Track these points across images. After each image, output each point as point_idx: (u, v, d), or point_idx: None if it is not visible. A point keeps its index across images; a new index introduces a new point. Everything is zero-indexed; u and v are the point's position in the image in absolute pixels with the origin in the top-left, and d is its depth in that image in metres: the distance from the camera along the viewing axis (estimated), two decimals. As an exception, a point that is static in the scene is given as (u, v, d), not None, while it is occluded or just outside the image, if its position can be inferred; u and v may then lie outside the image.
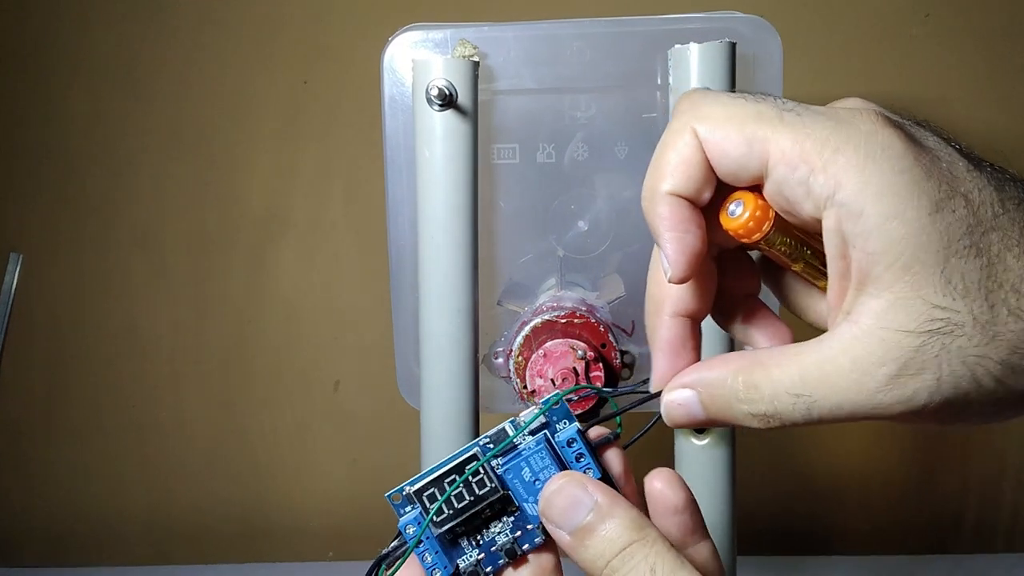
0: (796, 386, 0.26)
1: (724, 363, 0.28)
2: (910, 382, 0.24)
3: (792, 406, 0.26)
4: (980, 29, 0.74)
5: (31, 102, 0.79)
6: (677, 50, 0.44)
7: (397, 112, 0.48)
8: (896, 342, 0.24)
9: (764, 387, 0.26)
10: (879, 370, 0.24)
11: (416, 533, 0.28)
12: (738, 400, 0.27)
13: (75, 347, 0.82)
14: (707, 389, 0.28)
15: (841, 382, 0.25)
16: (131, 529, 0.84)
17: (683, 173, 0.27)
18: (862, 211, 0.24)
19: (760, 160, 0.26)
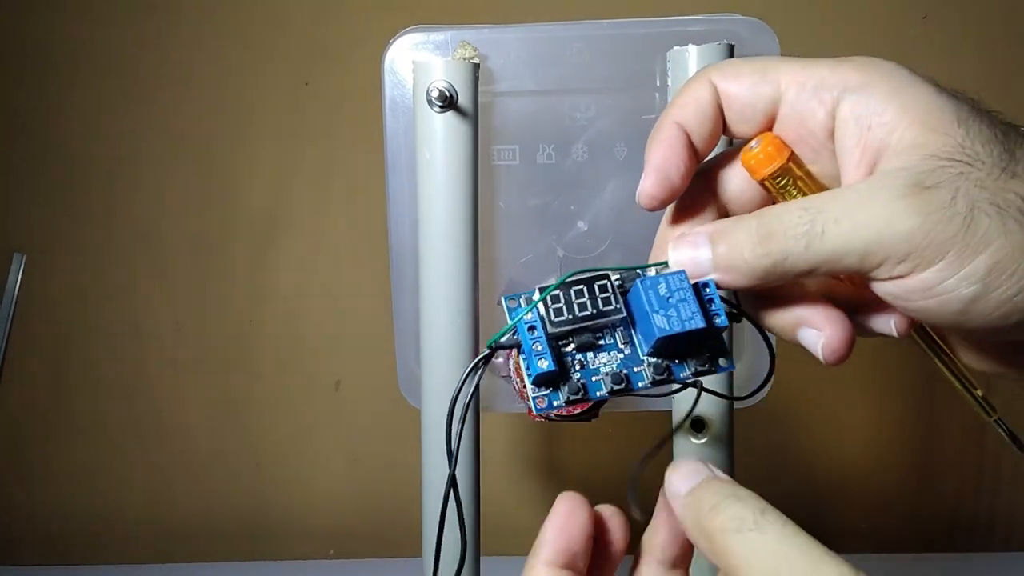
0: (804, 202, 0.26)
1: (740, 220, 0.27)
2: (924, 193, 0.24)
3: (798, 222, 0.25)
4: (978, 30, 0.75)
5: (32, 102, 0.80)
6: (676, 52, 0.44)
7: (398, 113, 0.49)
8: (910, 164, 0.25)
9: (782, 240, 0.26)
10: (893, 181, 0.24)
11: (526, 315, 0.27)
12: (756, 252, 0.26)
13: (77, 347, 0.82)
14: (716, 229, 0.28)
15: (852, 197, 0.25)
16: (132, 528, 0.84)
17: (692, 107, 0.29)
18: (872, 91, 0.26)
19: (772, 87, 0.28)
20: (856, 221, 0.25)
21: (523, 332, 0.28)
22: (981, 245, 0.24)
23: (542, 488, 0.82)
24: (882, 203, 0.24)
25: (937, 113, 0.25)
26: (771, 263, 0.26)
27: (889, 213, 0.24)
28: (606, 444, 0.77)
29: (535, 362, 0.27)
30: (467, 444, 0.47)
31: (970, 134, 0.25)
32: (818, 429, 0.81)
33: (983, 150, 0.25)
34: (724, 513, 0.24)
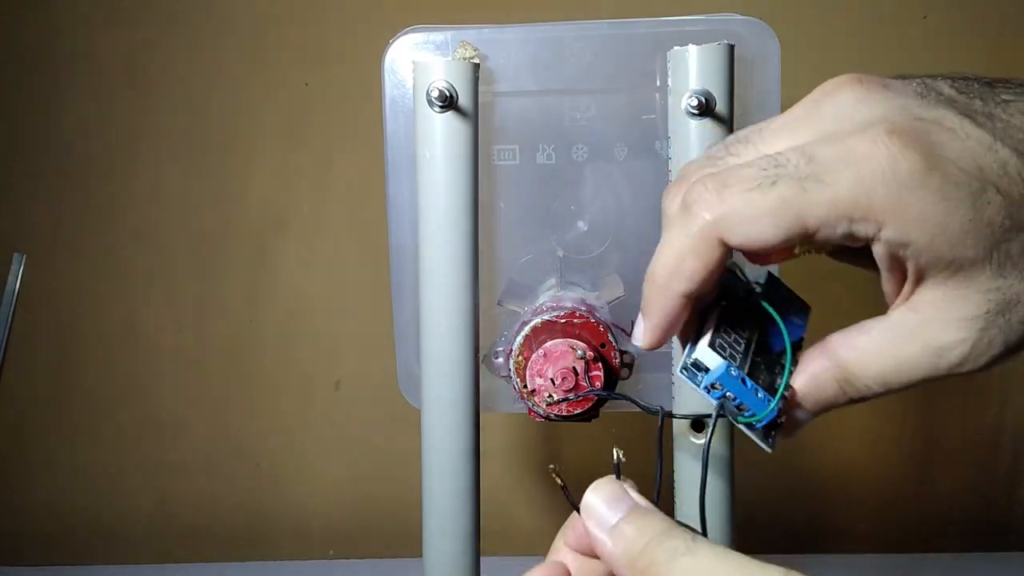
0: (883, 375, 0.28)
1: (819, 377, 0.29)
2: (982, 354, 0.27)
3: (872, 388, 0.28)
4: (978, 30, 0.75)
5: (32, 102, 0.80)
6: (676, 52, 0.44)
7: (398, 113, 0.49)
8: (960, 327, 0.26)
9: (859, 381, 0.28)
10: (952, 353, 0.27)
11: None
12: (836, 391, 0.29)
13: (77, 346, 0.82)
14: (816, 403, 0.29)
15: (920, 363, 0.27)
16: (131, 528, 0.84)
17: (700, 280, 0.27)
18: (909, 241, 0.26)
19: (799, 234, 0.26)
20: (927, 373, 0.28)
21: (736, 387, 0.29)
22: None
23: (542, 488, 0.82)
24: (947, 368, 0.27)
25: (972, 253, 0.26)
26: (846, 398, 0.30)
27: (952, 371, 0.27)
28: (606, 444, 0.77)
29: (763, 407, 0.29)
30: (467, 444, 0.47)
31: (1003, 267, 0.26)
32: (818, 429, 0.81)
33: (1016, 278, 0.26)
34: (658, 548, 0.25)
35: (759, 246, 0.26)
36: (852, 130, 0.27)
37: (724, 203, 0.26)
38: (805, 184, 0.25)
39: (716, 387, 0.29)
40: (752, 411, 0.29)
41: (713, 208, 0.26)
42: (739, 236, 0.26)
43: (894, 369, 0.27)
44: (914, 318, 0.27)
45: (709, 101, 0.43)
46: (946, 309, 0.26)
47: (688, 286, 0.27)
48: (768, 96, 0.48)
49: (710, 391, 0.29)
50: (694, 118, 0.43)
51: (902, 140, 0.26)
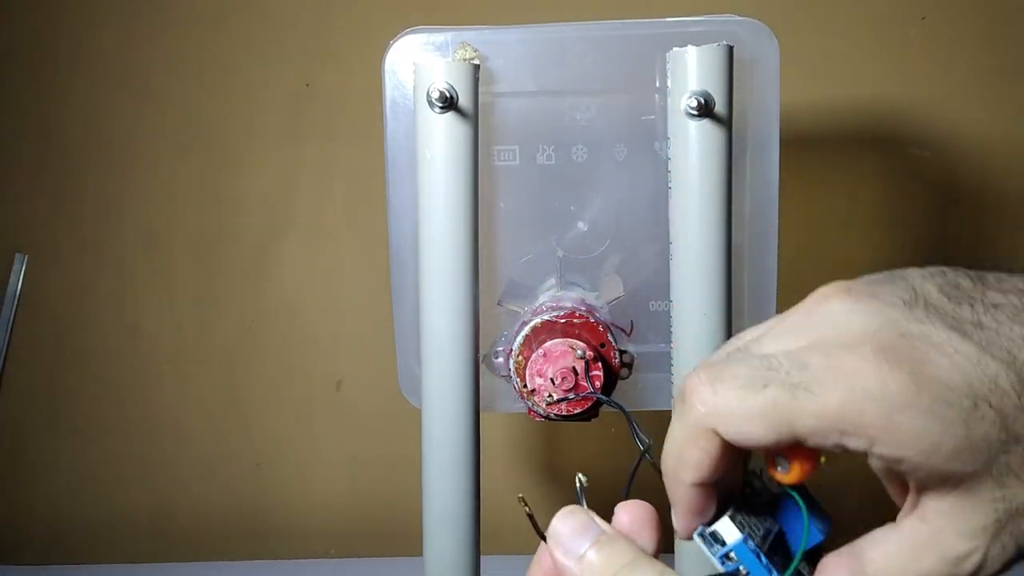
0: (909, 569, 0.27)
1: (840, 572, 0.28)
2: (996, 561, 0.26)
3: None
4: (976, 31, 0.75)
5: (32, 102, 0.80)
6: (675, 53, 0.44)
7: (398, 114, 0.49)
8: (972, 536, 0.26)
9: None
10: (967, 561, 0.26)
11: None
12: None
13: (78, 347, 0.82)
14: None
15: (939, 573, 0.26)
16: (132, 528, 0.84)
17: (707, 467, 0.28)
18: (902, 458, 0.26)
19: (788, 439, 0.26)
20: None
21: (750, 561, 0.28)
22: None
23: (542, 488, 0.82)
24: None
25: (970, 467, 0.26)
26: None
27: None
28: (606, 444, 0.77)
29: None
30: (467, 444, 0.47)
31: (1004, 483, 0.26)
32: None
33: (1018, 487, 0.26)
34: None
35: (752, 444, 0.27)
36: (841, 343, 0.27)
37: (716, 397, 0.27)
38: (795, 392, 0.26)
39: (731, 558, 0.28)
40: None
41: (706, 401, 0.27)
42: (732, 432, 0.27)
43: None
44: (925, 529, 0.27)
45: (708, 102, 0.43)
46: (954, 520, 0.26)
47: (695, 475, 0.28)
48: (767, 97, 0.48)
49: (724, 562, 0.29)
50: (693, 119, 0.43)
51: (888, 360, 0.26)
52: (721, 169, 0.44)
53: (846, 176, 0.77)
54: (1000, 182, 0.77)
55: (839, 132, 0.77)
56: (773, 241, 0.49)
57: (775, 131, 0.48)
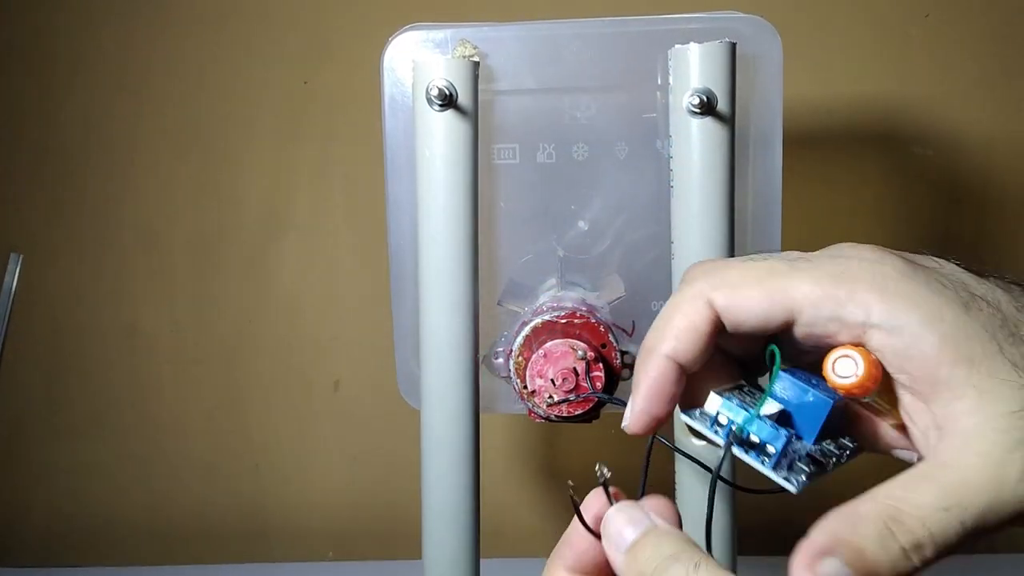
0: (942, 499, 0.24)
1: (852, 515, 0.25)
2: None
3: (946, 522, 0.24)
4: (980, 29, 0.74)
5: (31, 102, 0.79)
6: (677, 50, 0.44)
7: (397, 112, 0.48)
8: (1011, 426, 0.24)
9: (910, 514, 0.24)
10: (1013, 455, 0.24)
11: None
12: (890, 539, 0.24)
13: (75, 347, 0.82)
14: (850, 546, 0.25)
15: (982, 481, 0.24)
16: (132, 528, 0.84)
17: (686, 339, 0.27)
18: (901, 325, 0.25)
19: (784, 309, 0.26)
20: (995, 499, 0.24)
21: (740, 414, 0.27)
22: None
23: (542, 488, 0.82)
24: (1015, 481, 0.24)
25: (979, 347, 0.24)
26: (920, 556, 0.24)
27: (1022, 491, 0.24)
28: (606, 444, 0.77)
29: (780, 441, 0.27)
30: (467, 444, 0.47)
31: (1019, 367, 0.24)
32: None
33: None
34: (664, 572, 0.25)
35: (745, 315, 0.26)
36: (846, 248, 0.27)
37: (717, 270, 0.27)
38: (794, 264, 0.26)
39: (721, 421, 0.27)
40: (767, 441, 0.26)
41: (706, 274, 0.27)
42: (725, 299, 0.26)
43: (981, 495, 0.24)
44: (956, 437, 0.24)
45: (710, 99, 0.42)
46: (983, 411, 0.24)
47: (673, 345, 0.27)
48: (770, 95, 0.48)
49: (717, 430, 0.27)
50: (695, 116, 0.43)
51: (891, 251, 0.27)
52: (723, 167, 0.44)
53: (849, 174, 0.77)
54: (1003, 181, 0.76)
55: (841, 130, 0.76)
56: (776, 240, 0.49)
57: (778, 129, 0.48)
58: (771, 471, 0.26)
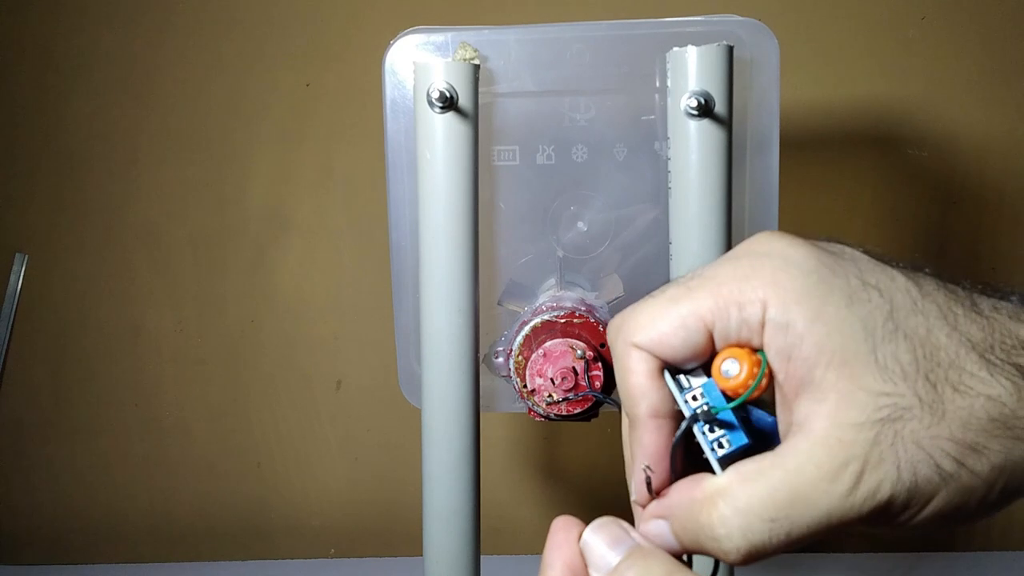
0: (769, 510, 0.25)
1: (690, 491, 0.26)
2: (873, 475, 0.24)
3: (769, 533, 0.25)
4: (976, 31, 0.75)
5: (33, 103, 0.80)
6: (675, 53, 0.44)
7: (398, 114, 0.49)
8: (852, 439, 0.24)
9: (734, 519, 0.25)
10: (845, 471, 0.24)
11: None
12: (710, 537, 0.25)
13: (78, 347, 0.82)
14: (678, 520, 0.27)
15: (813, 494, 0.24)
16: (132, 528, 0.84)
17: (650, 388, 0.27)
18: (788, 321, 0.25)
19: (698, 329, 0.26)
20: (822, 511, 0.24)
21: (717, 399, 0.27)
22: (926, 499, 0.24)
23: (542, 488, 0.82)
24: (842, 495, 0.24)
25: (853, 345, 0.25)
26: (740, 557, 0.25)
27: (849, 505, 0.24)
28: (606, 444, 0.77)
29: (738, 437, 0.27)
30: (467, 444, 0.47)
31: (888, 368, 0.24)
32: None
33: (904, 387, 0.24)
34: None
35: (671, 349, 0.27)
36: (743, 244, 0.28)
37: (627, 319, 0.28)
38: (689, 284, 0.27)
39: (696, 396, 0.27)
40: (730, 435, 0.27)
41: (620, 328, 0.28)
42: (645, 340, 0.27)
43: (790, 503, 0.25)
44: (805, 439, 0.25)
45: (708, 102, 0.43)
46: (834, 417, 0.24)
47: (646, 403, 0.27)
48: (767, 97, 0.48)
49: (687, 401, 0.28)
50: (693, 119, 0.43)
51: (784, 235, 0.27)
52: (721, 169, 0.44)
53: (845, 176, 0.77)
54: (999, 182, 0.77)
55: (838, 132, 0.77)
56: (773, 241, 0.49)
57: (775, 131, 0.48)
58: (715, 460, 0.27)
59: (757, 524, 0.25)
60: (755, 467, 0.25)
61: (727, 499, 0.25)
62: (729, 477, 0.26)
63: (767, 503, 0.25)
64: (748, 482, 0.25)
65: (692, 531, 0.26)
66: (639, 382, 0.27)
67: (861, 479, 0.24)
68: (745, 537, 0.25)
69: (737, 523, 0.25)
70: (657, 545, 0.27)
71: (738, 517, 0.25)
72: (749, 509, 0.25)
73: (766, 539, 0.25)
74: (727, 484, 0.25)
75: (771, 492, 0.25)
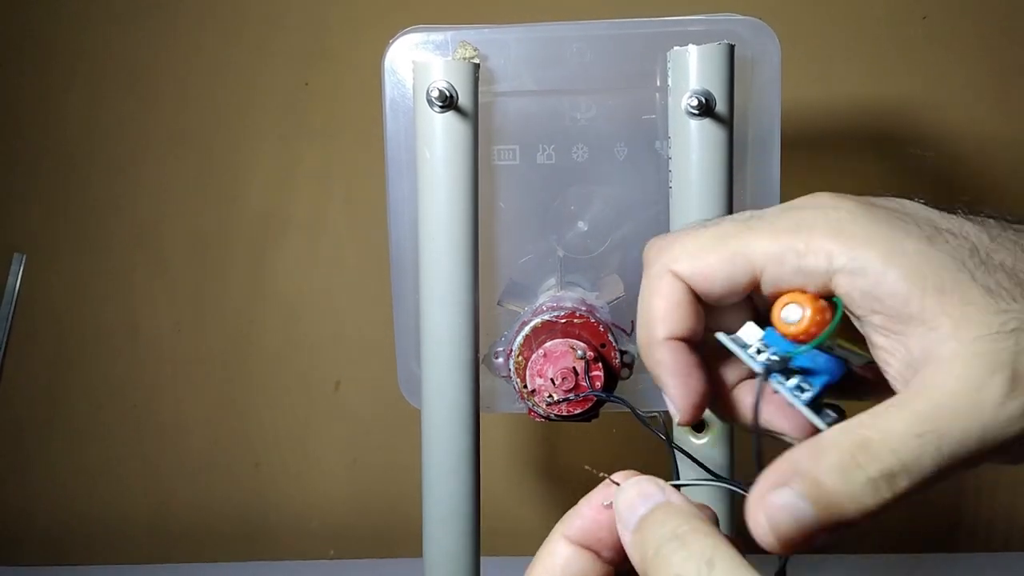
0: (915, 425, 0.23)
1: (815, 444, 0.24)
2: (1021, 384, 0.22)
3: (919, 449, 0.22)
4: (977, 30, 0.75)
5: (31, 102, 0.80)
6: (676, 52, 0.44)
7: (398, 113, 0.49)
8: (991, 350, 0.22)
9: (879, 441, 0.23)
10: (993, 379, 0.22)
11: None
12: (855, 468, 0.23)
13: (76, 347, 0.82)
14: (808, 476, 0.23)
15: (961, 405, 0.22)
16: (132, 528, 0.84)
17: (675, 316, 0.27)
18: (863, 266, 0.24)
19: (746, 270, 0.26)
20: (974, 424, 0.22)
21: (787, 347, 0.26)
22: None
23: (542, 488, 0.82)
24: (995, 405, 0.22)
25: (948, 275, 0.23)
26: (890, 487, 0.23)
27: (1007, 415, 0.22)
28: (606, 444, 0.77)
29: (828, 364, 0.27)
30: (467, 444, 0.47)
31: (993, 292, 0.23)
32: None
33: (1018, 306, 0.23)
34: (668, 561, 0.23)
35: (710, 283, 0.26)
36: (803, 199, 0.27)
37: (672, 244, 0.27)
38: (748, 222, 0.26)
39: (760, 348, 0.26)
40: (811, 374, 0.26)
41: (663, 251, 0.27)
42: (687, 268, 0.26)
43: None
44: (935, 365, 0.23)
45: (709, 101, 0.43)
46: (962, 336, 0.23)
47: (664, 328, 0.27)
48: (768, 96, 0.48)
49: (754, 356, 0.26)
50: (694, 118, 0.43)
51: (842, 197, 0.26)
52: (722, 168, 0.44)
53: (846, 176, 0.77)
54: (1002, 182, 0.77)
55: (840, 132, 0.77)
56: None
57: (776, 130, 0.48)
58: (804, 406, 0.26)
59: (907, 440, 0.22)
60: (891, 402, 0.24)
61: (866, 429, 0.23)
62: (861, 417, 0.24)
63: (912, 420, 0.23)
64: (887, 413, 0.23)
65: (832, 477, 0.23)
66: (665, 307, 0.27)
67: (1017, 387, 0.22)
68: (895, 455, 0.22)
69: (886, 443, 0.23)
70: (788, 519, 0.24)
71: (885, 438, 0.23)
72: (894, 428, 0.23)
73: (916, 456, 0.22)
74: (865, 421, 0.23)
75: (915, 411, 0.23)
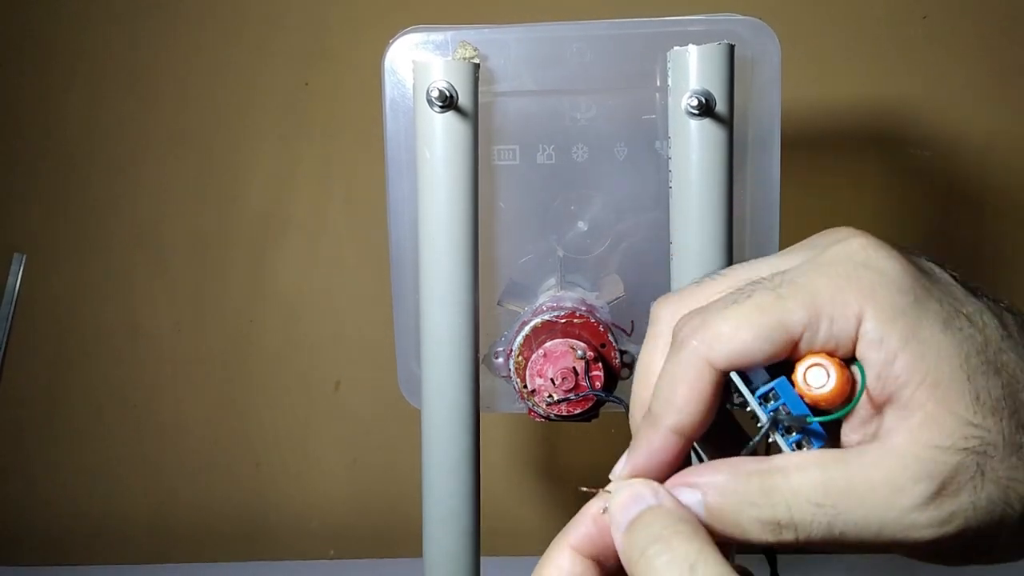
0: (818, 494, 0.24)
1: (734, 466, 0.25)
2: (947, 503, 0.23)
3: (811, 517, 0.24)
4: (978, 30, 0.75)
5: (31, 102, 0.80)
6: (676, 52, 0.44)
7: (398, 113, 0.49)
8: (932, 459, 0.23)
9: (781, 491, 0.24)
10: (915, 487, 0.23)
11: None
12: (750, 504, 0.24)
13: (76, 347, 0.82)
14: (715, 491, 0.25)
15: (871, 497, 0.23)
16: (132, 528, 0.84)
17: (693, 411, 0.26)
18: (882, 338, 0.24)
19: (785, 345, 0.25)
20: (876, 518, 0.24)
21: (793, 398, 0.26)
22: (990, 541, 0.24)
23: (542, 488, 0.82)
24: (904, 509, 0.23)
25: (947, 370, 0.24)
26: (775, 534, 0.25)
27: (910, 521, 0.23)
28: (606, 444, 0.77)
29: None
30: (467, 444, 0.47)
31: (980, 400, 0.24)
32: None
33: (992, 423, 0.24)
34: (651, 564, 0.23)
35: (747, 360, 0.25)
36: (831, 244, 0.26)
37: (707, 324, 0.26)
38: (780, 291, 0.25)
39: (771, 397, 0.26)
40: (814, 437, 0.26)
41: (697, 331, 0.26)
42: (723, 352, 0.25)
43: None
44: (879, 447, 0.24)
45: (709, 101, 0.43)
46: (918, 435, 0.23)
47: (678, 418, 0.26)
48: (768, 96, 0.48)
49: (762, 403, 0.26)
50: (694, 118, 0.43)
51: (881, 245, 0.26)
52: (722, 168, 0.44)
53: (847, 176, 0.77)
54: (1002, 182, 0.77)
55: (840, 132, 0.77)
56: (774, 241, 0.49)
57: (776, 130, 0.48)
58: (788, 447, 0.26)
59: (803, 504, 0.24)
60: (816, 457, 0.25)
61: (779, 474, 0.24)
62: (789, 458, 0.25)
63: (818, 489, 0.24)
64: (805, 465, 0.24)
65: (732, 502, 0.25)
66: (687, 397, 0.26)
67: (932, 502, 0.23)
68: (788, 511, 0.24)
69: (785, 496, 0.24)
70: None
71: (788, 492, 0.24)
72: (800, 487, 0.24)
73: (807, 520, 0.24)
74: (786, 464, 0.25)
75: (826, 480, 0.24)
